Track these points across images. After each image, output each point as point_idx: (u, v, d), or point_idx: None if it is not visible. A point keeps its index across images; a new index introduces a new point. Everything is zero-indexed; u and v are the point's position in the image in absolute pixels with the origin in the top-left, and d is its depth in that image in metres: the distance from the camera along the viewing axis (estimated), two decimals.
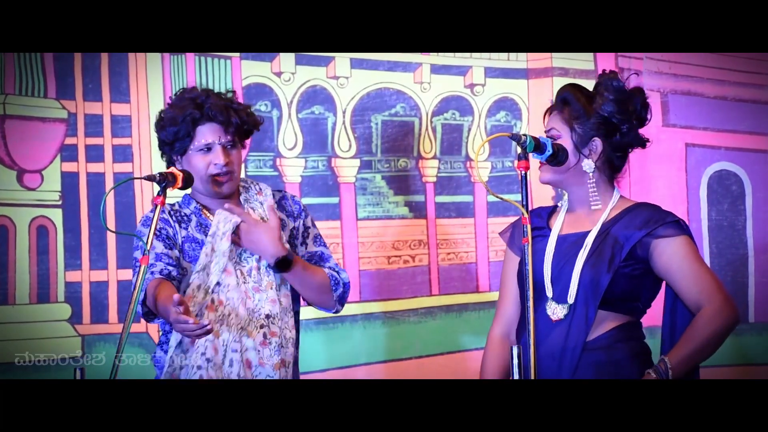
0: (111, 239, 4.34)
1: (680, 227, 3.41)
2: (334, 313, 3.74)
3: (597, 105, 3.45)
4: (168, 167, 3.64)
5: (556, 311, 3.40)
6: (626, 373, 3.34)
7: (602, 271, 3.36)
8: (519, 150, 3.21)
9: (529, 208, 3.18)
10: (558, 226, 3.53)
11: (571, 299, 3.38)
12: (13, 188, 4.27)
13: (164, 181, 3.34)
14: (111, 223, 4.32)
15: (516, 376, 2.98)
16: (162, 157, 3.69)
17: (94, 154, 4.33)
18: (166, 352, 3.52)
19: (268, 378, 3.45)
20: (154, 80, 4.43)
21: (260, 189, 3.71)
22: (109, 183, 4.36)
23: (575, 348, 3.35)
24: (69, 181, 4.31)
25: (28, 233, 4.26)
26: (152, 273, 3.46)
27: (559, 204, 3.62)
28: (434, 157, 4.90)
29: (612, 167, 3.50)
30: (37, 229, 4.28)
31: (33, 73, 4.28)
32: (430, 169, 4.90)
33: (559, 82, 4.95)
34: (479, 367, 3.65)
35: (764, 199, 5.28)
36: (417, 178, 4.88)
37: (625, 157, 3.52)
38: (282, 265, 3.55)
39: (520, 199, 3.18)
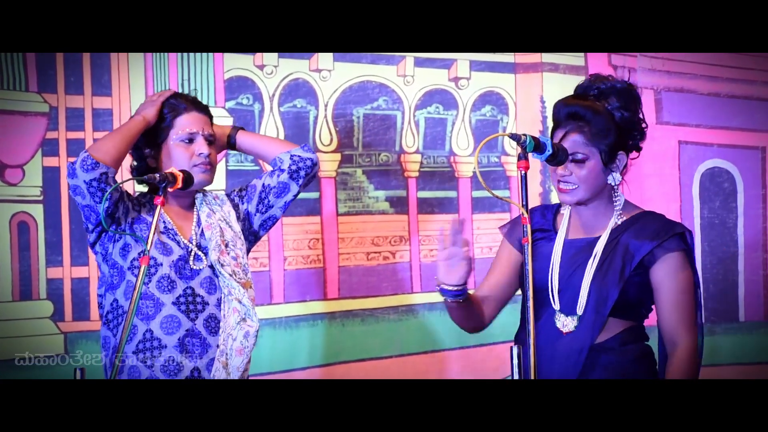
0: None
1: (682, 241, 3.53)
2: (311, 164, 3.96)
3: (612, 117, 3.54)
4: (138, 163, 3.85)
5: (566, 324, 3.54)
6: (632, 374, 3.52)
7: (612, 282, 3.50)
8: (518, 150, 3.26)
9: (528, 209, 3.24)
10: (564, 229, 3.64)
11: (580, 310, 3.51)
12: None
13: (164, 181, 3.55)
14: None
15: (516, 377, 3.11)
16: (132, 152, 3.84)
17: (76, 148, 4.39)
18: (112, 330, 3.72)
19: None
20: (136, 73, 4.55)
21: (216, 195, 3.94)
22: None
23: (581, 352, 3.49)
24: (50, 176, 4.40)
25: (9, 229, 4.37)
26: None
27: (562, 205, 3.72)
28: (417, 152, 5.08)
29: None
30: (18, 225, 4.38)
31: (14, 66, 4.38)
32: (413, 164, 5.09)
33: (549, 77, 5.20)
34: (462, 367, 3.81)
35: (756, 197, 5.55)
36: (399, 172, 5.06)
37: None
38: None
39: (508, 195, 3.31)
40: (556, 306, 3.56)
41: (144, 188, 3.96)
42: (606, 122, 3.53)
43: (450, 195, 5.19)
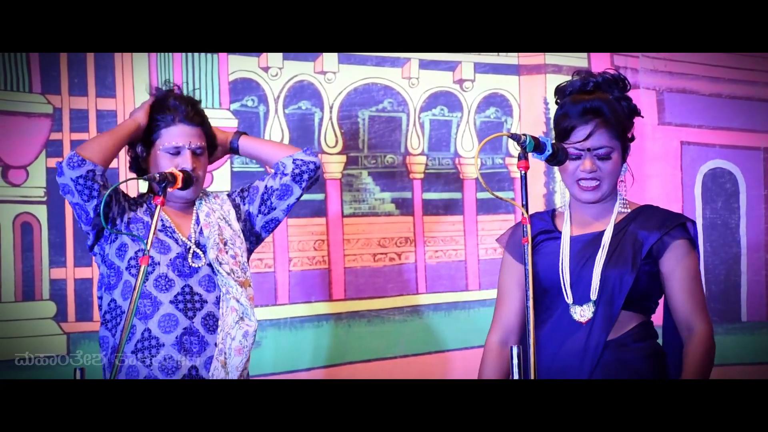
0: None
1: (688, 231, 3.54)
2: (314, 167, 3.90)
3: (621, 107, 3.56)
4: (132, 160, 3.83)
5: (583, 313, 3.51)
6: (644, 371, 3.50)
7: (626, 269, 3.48)
8: (519, 150, 3.23)
9: (528, 208, 3.22)
10: (567, 227, 3.61)
11: (594, 296, 3.48)
12: None
13: (164, 181, 3.50)
14: None
15: (516, 376, 3.07)
16: (128, 151, 3.85)
17: None
18: (110, 330, 3.68)
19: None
20: (140, 74, 4.51)
21: (216, 195, 3.90)
22: None
23: (597, 347, 3.47)
24: (53, 177, 4.18)
25: (13, 230, 4.34)
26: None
27: (558, 207, 3.73)
28: (422, 153, 5.02)
29: None
30: (21, 225, 4.36)
31: (18, 68, 4.35)
32: (418, 165, 5.03)
33: (553, 78, 5.09)
34: (467, 368, 3.77)
35: (758, 197, 5.45)
36: (404, 174, 5.00)
37: None
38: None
39: (512, 197, 3.26)
40: (569, 299, 3.53)
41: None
42: (622, 113, 3.55)
43: (455, 196, 5.12)
